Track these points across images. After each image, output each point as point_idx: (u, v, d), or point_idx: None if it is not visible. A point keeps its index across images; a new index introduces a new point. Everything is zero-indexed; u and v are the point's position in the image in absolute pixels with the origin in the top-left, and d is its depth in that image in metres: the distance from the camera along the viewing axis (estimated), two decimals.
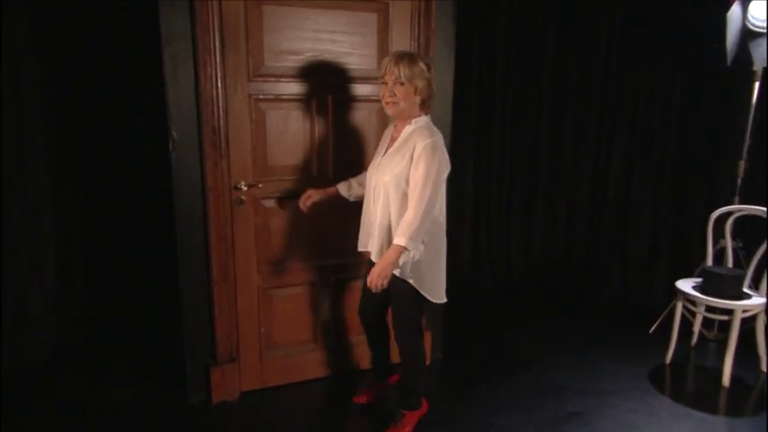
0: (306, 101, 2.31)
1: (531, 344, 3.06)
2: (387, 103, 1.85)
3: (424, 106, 1.92)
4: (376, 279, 1.81)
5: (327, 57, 2.27)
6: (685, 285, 2.78)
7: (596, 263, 3.72)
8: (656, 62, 3.39)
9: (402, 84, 1.81)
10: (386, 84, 1.84)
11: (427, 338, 2.76)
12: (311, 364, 2.59)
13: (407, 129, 1.89)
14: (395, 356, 2.24)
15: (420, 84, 1.84)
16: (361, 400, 2.39)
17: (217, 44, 2.10)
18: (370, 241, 1.99)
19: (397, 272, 1.87)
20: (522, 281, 3.94)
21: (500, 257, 4.00)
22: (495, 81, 3.81)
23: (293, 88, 2.27)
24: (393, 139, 1.95)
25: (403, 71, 1.80)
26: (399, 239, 1.79)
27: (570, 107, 3.65)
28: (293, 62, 2.24)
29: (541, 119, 3.74)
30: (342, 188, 2.23)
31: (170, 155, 2.14)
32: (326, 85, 2.28)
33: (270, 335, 2.48)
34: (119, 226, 3.18)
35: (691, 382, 2.77)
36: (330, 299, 2.55)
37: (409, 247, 1.79)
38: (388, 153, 1.92)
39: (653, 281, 3.58)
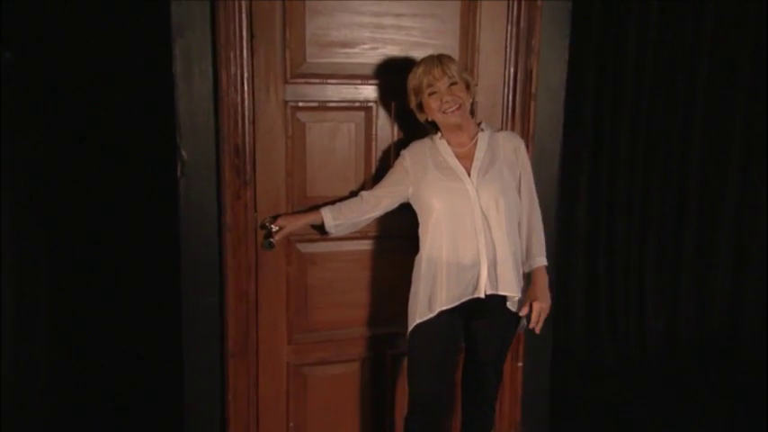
0: (361, 109, 2.20)
1: None
2: (450, 112, 1.91)
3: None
4: (546, 313, 1.95)
5: (392, 49, 2.17)
6: None
7: None
8: None
9: (456, 83, 1.91)
10: (436, 92, 1.91)
11: None
12: None
13: (483, 136, 2.01)
14: None
15: (468, 78, 1.96)
16: None
17: (244, 34, 2.03)
18: (488, 284, 1.95)
19: (521, 310, 1.98)
20: (663, 361, 3.59)
21: (628, 326, 3.69)
22: (624, 76, 3.47)
23: (344, 92, 2.16)
24: (466, 156, 1.99)
25: (453, 68, 1.91)
26: (543, 259, 1.99)
27: (739, 110, 3.40)
28: (345, 57, 2.14)
29: (692, 129, 3.46)
30: (329, 215, 2.04)
31: (177, 182, 2.04)
32: (389, 89, 2.20)
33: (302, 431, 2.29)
34: (102, 271, 2.99)
35: None
36: (390, 381, 2.36)
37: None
38: (474, 172, 1.96)
39: None
